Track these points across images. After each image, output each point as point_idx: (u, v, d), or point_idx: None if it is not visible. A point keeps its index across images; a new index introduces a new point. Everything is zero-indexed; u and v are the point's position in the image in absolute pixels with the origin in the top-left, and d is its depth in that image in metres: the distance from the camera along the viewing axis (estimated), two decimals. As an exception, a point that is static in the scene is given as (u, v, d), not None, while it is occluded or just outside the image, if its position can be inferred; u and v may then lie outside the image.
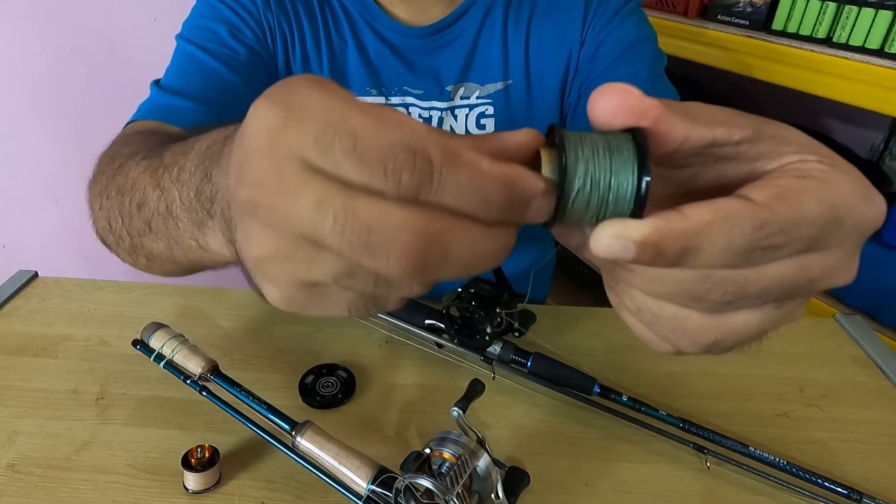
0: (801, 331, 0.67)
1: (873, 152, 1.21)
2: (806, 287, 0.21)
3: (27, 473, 0.48)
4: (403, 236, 0.18)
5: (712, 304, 0.21)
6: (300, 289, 0.22)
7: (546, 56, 0.67)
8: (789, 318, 0.23)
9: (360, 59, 0.66)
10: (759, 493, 0.48)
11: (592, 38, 0.66)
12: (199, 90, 0.59)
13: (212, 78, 0.60)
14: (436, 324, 0.58)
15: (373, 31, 0.66)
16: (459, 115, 0.68)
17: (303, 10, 0.65)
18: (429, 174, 0.18)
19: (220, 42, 0.61)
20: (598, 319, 0.67)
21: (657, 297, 0.22)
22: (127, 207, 0.40)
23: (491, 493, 0.41)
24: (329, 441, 0.43)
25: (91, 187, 0.47)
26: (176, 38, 0.64)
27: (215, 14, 0.63)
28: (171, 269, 0.43)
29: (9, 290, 0.69)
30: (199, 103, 0.57)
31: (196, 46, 0.61)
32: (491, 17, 0.66)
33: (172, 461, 0.49)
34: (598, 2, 0.66)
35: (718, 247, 0.19)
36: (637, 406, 0.52)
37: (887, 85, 0.85)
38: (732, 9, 1.07)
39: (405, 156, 0.18)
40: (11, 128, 1.39)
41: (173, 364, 0.52)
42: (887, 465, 0.51)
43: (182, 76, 0.61)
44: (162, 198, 0.36)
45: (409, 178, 0.18)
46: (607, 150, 0.20)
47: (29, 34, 1.30)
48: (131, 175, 0.40)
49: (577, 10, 0.66)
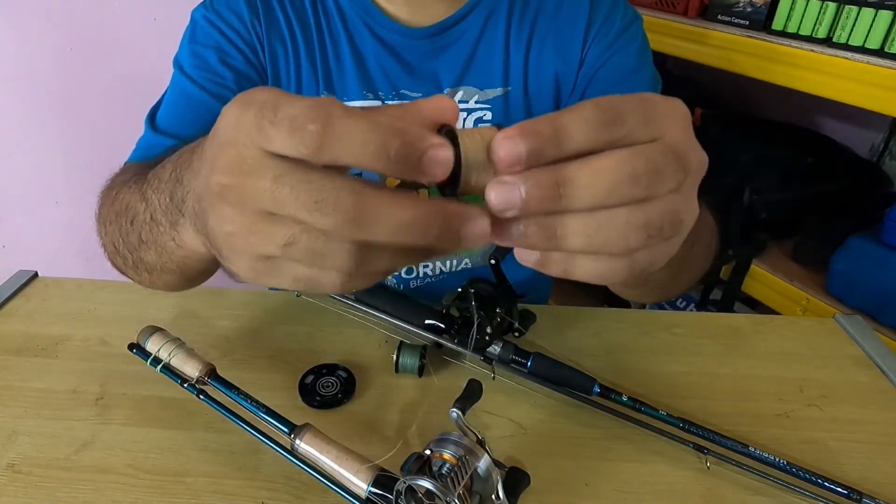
0: (801, 331, 0.67)
1: (873, 152, 1.21)
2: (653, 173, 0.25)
3: (27, 473, 0.48)
4: (343, 193, 0.22)
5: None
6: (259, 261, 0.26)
7: (545, 69, 0.67)
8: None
9: (356, 64, 0.65)
10: (759, 493, 0.48)
11: (593, 58, 0.66)
12: (189, 129, 0.62)
13: (202, 112, 0.62)
14: (436, 324, 0.58)
15: (371, 32, 0.65)
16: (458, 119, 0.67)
17: (295, 18, 0.64)
18: (331, 127, 0.22)
19: (210, 70, 0.63)
20: (598, 319, 0.67)
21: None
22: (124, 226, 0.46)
23: (491, 494, 0.41)
24: (328, 444, 0.43)
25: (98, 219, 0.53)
26: (173, 63, 0.66)
27: (206, 39, 0.64)
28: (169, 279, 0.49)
29: (9, 290, 0.69)
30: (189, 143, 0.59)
31: (188, 79, 0.63)
32: (494, 22, 0.66)
33: (172, 461, 0.49)
34: (601, 20, 0.66)
35: (577, 122, 0.24)
36: (637, 406, 0.52)
37: (887, 85, 0.85)
38: (732, 9, 1.07)
39: (314, 112, 0.22)
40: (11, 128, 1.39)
41: (170, 368, 0.52)
42: (887, 465, 0.51)
43: (174, 112, 0.64)
44: (147, 208, 0.41)
45: (315, 128, 0.22)
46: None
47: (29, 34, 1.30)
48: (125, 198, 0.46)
49: (580, 28, 0.66)
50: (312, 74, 0.65)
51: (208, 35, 0.64)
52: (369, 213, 0.23)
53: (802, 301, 1.05)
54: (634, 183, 0.24)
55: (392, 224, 0.23)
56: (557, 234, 0.25)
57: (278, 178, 0.23)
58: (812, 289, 1.05)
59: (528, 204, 0.24)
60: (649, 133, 0.25)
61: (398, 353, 0.57)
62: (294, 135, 0.22)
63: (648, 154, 0.24)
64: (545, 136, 0.24)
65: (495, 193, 0.24)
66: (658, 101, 0.26)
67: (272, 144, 0.23)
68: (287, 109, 0.22)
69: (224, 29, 0.63)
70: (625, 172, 0.24)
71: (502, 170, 0.24)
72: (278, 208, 0.23)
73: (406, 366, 0.57)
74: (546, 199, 0.24)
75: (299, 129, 0.22)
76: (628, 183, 0.24)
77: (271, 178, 0.23)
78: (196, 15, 0.65)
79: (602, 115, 0.24)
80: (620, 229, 0.25)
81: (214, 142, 0.26)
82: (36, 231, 1.53)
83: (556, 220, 0.25)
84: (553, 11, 0.66)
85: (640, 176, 0.24)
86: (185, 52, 0.65)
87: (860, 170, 1.17)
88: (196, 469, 0.48)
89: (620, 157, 0.24)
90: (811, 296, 1.04)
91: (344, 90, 0.66)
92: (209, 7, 0.64)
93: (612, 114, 0.24)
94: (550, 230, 0.25)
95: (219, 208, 0.26)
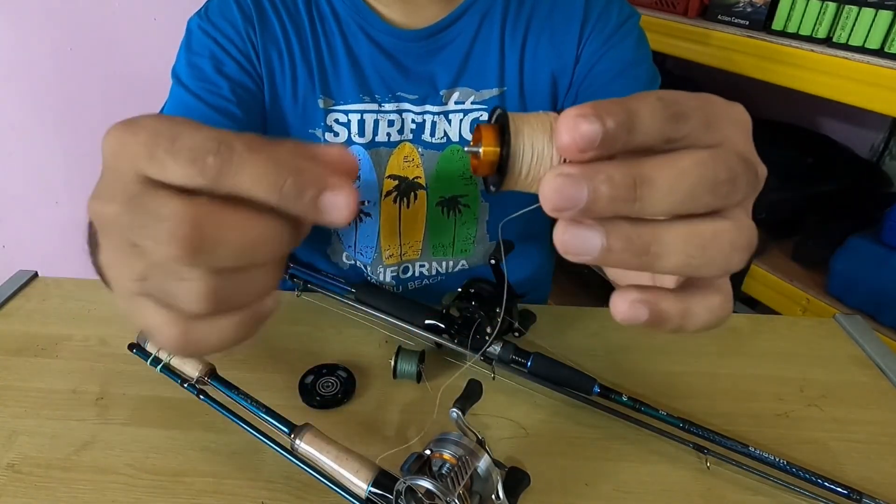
0: (801, 331, 0.67)
1: (873, 152, 1.21)
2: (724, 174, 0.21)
3: (27, 473, 0.48)
4: (173, 223, 0.20)
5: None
6: (127, 298, 0.23)
7: (541, 67, 0.67)
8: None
9: (352, 67, 0.65)
10: (759, 493, 0.48)
11: (589, 54, 0.66)
12: None
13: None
14: (436, 324, 0.58)
15: (366, 35, 0.65)
16: (454, 120, 0.67)
17: (289, 22, 0.64)
18: (229, 159, 0.21)
19: (205, 79, 0.63)
20: (598, 319, 0.67)
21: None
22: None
23: (491, 494, 0.41)
24: (328, 444, 0.43)
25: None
26: (171, 73, 0.66)
27: (201, 48, 0.64)
28: None
29: (9, 290, 0.69)
30: None
31: (185, 89, 0.63)
32: (488, 22, 0.66)
33: (172, 461, 0.49)
34: (596, 16, 0.65)
35: (647, 109, 0.20)
36: (637, 406, 0.52)
37: (887, 85, 0.85)
38: (732, 9, 1.07)
39: (212, 144, 0.21)
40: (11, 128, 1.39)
41: (170, 368, 0.52)
42: (887, 465, 0.51)
43: None
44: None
45: (213, 161, 0.20)
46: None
47: (29, 34, 1.30)
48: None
49: (575, 23, 0.65)
50: (308, 78, 0.65)
51: (203, 45, 0.64)
52: (205, 242, 0.21)
53: (802, 301, 1.05)
54: (713, 191, 0.21)
55: (236, 242, 0.21)
56: (651, 250, 0.21)
57: (129, 202, 0.21)
58: (812, 289, 1.05)
59: (595, 203, 0.20)
60: (711, 137, 0.22)
61: (396, 359, 0.57)
62: (194, 164, 0.21)
63: (727, 158, 0.21)
64: (620, 120, 0.20)
65: (555, 186, 0.20)
66: (720, 104, 0.23)
67: (165, 173, 0.21)
68: (186, 140, 0.21)
69: (218, 38, 0.63)
70: (706, 177, 0.20)
71: (569, 156, 0.20)
72: (138, 238, 0.21)
73: (404, 372, 0.57)
74: (618, 199, 0.20)
75: (199, 160, 0.21)
76: (708, 190, 0.21)
77: (122, 205, 0.21)
78: (192, 25, 0.65)
79: (667, 108, 0.21)
80: (722, 246, 0.21)
81: (101, 166, 0.24)
82: (36, 231, 1.53)
83: (647, 230, 0.21)
84: (548, 11, 0.66)
85: (721, 183, 0.21)
86: (182, 63, 0.65)
87: (860, 170, 1.17)
88: (196, 469, 0.48)
89: (699, 158, 0.21)
90: (811, 296, 1.04)
91: (340, 93, 0.66)
92: (203, 16, 0.64)
93: (675, 108, 0.21)
94: (643, 244, 0.21)
95: (98, 236, 0.24)
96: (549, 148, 0.22)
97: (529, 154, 0.22)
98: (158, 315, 0.23)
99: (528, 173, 0.22)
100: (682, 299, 0.23)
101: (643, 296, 0.22)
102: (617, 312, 0.22)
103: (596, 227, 0.21)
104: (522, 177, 0.22)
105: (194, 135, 0.21)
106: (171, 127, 0.21)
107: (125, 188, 0.21)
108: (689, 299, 0.23)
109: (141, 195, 0.21)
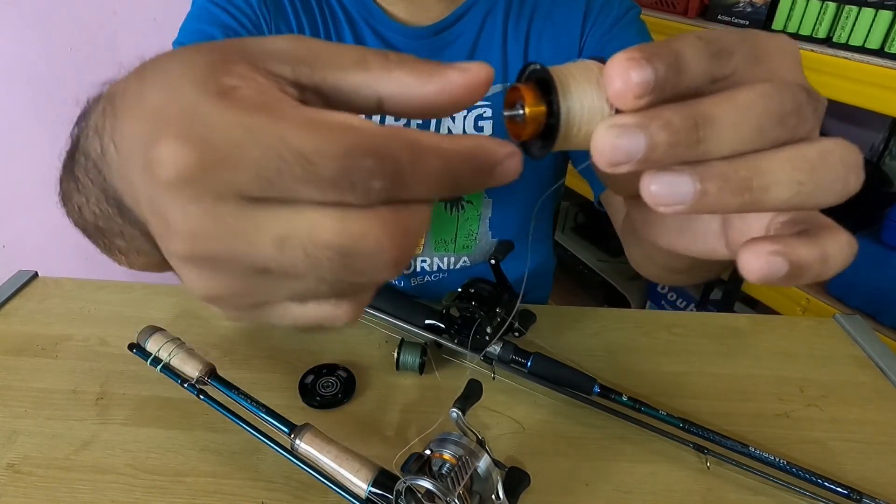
0: (801, 331, 0.67)
1: (873, 152, 1.21)
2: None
3: (27, 473, 0.48)
4: (384, 242, 0.17)
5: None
6: (254, 309, 0.20)
7: (544, 61, 0.66)
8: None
9: None
10: (759, 493, 0.48)
11: (591, 45, 0.66)
12: None
13: None
14: (436, 324, 0.58)
15: (373, 32, 0.66)
16: (457, 117, 0.68)
17: (303, 11, 0.65)
18: (399, 173, 0.17)
19: None
20: (598, 319, 0.67)
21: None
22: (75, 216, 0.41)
23: (492, 494, 0.41)
24: (328, 443, 0.43)
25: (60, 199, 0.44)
26: (173, 45, 0.64)
27: (211, 18, 0.63)
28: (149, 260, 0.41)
29: (9, 290, 0.69)
30: None
31: None
32: (491, 19, 0.66)
33: (172, 461, 0.49)
34: (598, 9, 0.66)
35: (690, 49, 0.19)
36: (637, 406, 0.52)
37: (887, 85, 0.85)
38: (732, 9, 1.07)
39: (371, 162, 0.16)
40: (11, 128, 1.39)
41: (170, 368, 0.52)
42: (887, 465, 0.51)
43: None
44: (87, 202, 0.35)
45: (380, 184, 0.16)
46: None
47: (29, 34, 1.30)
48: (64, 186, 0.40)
49: (577, 16, 0.66)
50: None
51: (213, 15, 0.63)
52: (409, 249, 0.18)
53: (802, 301, 1.05)
54: (781, 123, 0.19)
55: (419, 237, 0.19)
56: (754, 184, 0.19)
57: (285, 242, 0.17)
58: (812, 289, 1.05)
59: (654, 152, 0.18)
60: (760, 72, 0.20)
61: (399, 350, 0.57)
62: (347, 190, 0.16)
63: (789, 87, 0.19)
64: (669, 62, 0.18)
65: (609, 139, 0.18)
66: (763, 36, 0.21)
67: (301, 197, 0.17)
68: (321, 158, 0.16)
69: (231, 9, 0.63)
70: (772, 109, 0.19)
71: (622, 105, 0.19)
72: (289, 271, 0.18)
73: (407, 363, 0.57)
74: (679, 144, 0.18)
75: (363, 181, 0.16)
76: (776, 123, 0.19)
77: (272, 244, 0.17)
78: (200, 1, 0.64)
79: (709, 45, 0.19)
80: (833, 164, 0.19)
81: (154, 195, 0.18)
82: (36, 231, 1.52)
83: (743, 164, 0.19)
84: (550, 5, 0.66)
85: (788, 114, 0.19)
86: (187, 31, 0.63)
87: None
88: (196, 469, 0.48)
89: (761, 90, 0.19)
90: (811, 296, 1.04)
91: None
92: None
93: (718, 45, 0.19)
94: (741, 180, 0.19)
95: (189, 273, 0.19)
96: (598, 98, 0.20)
97: (578, 108, 0.20)
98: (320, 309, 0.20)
99: (581, 129, 0.20)
100: (816, 242, 0.20)
101: (778, 246, 0.20)
102: (752, 271, 0.20)
103: (685, 170, 0.19)
104: (573, 133, 0.20)
105: (329, 149, 0.16)
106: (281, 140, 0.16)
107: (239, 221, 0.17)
108: (821, 241, 0.20)
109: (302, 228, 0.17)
